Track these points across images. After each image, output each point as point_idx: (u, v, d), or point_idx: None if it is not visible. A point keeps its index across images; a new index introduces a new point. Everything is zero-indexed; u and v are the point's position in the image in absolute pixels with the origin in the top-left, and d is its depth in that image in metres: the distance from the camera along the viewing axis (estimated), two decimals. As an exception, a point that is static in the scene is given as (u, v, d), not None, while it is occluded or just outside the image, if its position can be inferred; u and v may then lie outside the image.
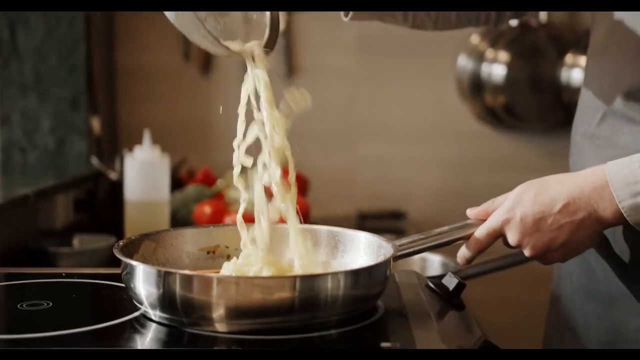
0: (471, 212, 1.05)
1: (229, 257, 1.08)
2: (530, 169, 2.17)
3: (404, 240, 1.04)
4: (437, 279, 1.10)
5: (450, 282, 1.08)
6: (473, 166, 2.35)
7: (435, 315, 0.98)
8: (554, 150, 2.30)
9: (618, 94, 1.08)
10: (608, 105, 1.10)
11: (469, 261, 1.04)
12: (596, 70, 1.14)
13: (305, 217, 1.83)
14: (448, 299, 1.07)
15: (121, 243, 0.98)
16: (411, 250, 1.03)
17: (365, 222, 2.23)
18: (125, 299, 1.00)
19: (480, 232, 1.02)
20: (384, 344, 0.85)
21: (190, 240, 1.08)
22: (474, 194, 1.19)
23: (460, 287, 1.07)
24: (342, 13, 1.22)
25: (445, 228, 1.07)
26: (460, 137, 2.36)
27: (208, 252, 1.09)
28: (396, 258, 1.00)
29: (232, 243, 1.09)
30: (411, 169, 2.38)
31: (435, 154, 2.38)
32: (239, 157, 1.03)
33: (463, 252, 1.04)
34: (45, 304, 0.98)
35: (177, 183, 1.99)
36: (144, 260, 0.99)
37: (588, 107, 1.15)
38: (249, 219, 1.71)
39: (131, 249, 0.99)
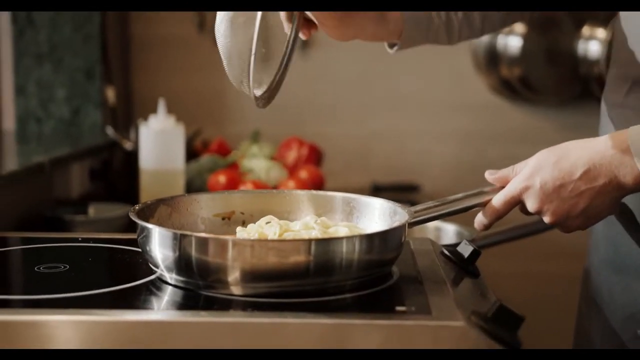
0: (491, 177, 1.04)
1: (244, 223, 1.08)
2: (545, 141, 2.14)
3: (419, 207, 1.04)
4: (452, 247, 1.11)
5: (465, 249, 1.08)
6: (488, 139, 2.35)
7: (450, 282, 0.98)
8: (569, 123, 2.29)
9: None
10: (636, 74, 1.09)
11: (486, 227, 1.04)
12: (623, 39, 1.13)
13: (320, 187, 1.83)
14: (463, 267, 1.07)
15: (137, 207, 0.99)
16: (426, 216, 1.03)
17: (380, 194, 2.23)
18: (141, 263, 1.00)
19: (498, 199, 1.02)
20: (399, 308, 0.86)
21: (205, 205, 1.09)
22: (489, 167, 1.18)
23: (475, 254, 1.07)
24: (386, 45, 1.19)
25: (460, 195, 1.07)
26: (475, 110, 2.35)
27: (223, 218, 1.09)
28: (411, 224, 1.00)
29: (247, 209, 1.10)
30: (426, 142, 2.37)
31: (450, 126, 2.37)
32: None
33: (480, 219, 1.04)
34: (62, 267, 0.99)
35: (191, 154, 1.99)
36: (160, 225, 0.99)
37: (617, 77, 1.14)
38: (260, 185, 1.72)
39: (147, 214, 1.00)
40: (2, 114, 2.20)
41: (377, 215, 1.05)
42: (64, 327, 0.81)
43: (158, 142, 1.65)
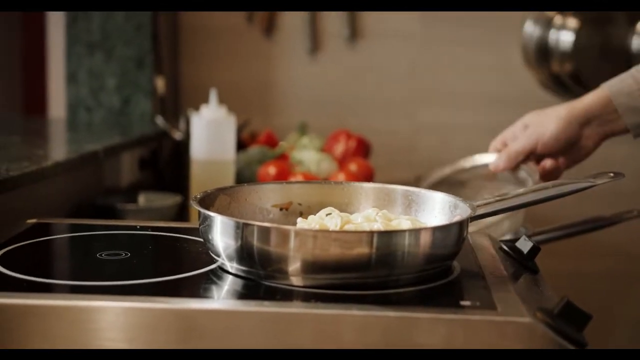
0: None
1: (302, 214, 1.08)
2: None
3: (479, 202, 1.03)
4: (511, 242, 1.09)
5: (525, 245, 1.06)
6: (537, 135, 2.32)
7: (511, 277, 0.97)
8: (621, 120, 2.26)
9: None
10: None
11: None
12: None
13: (370, 180, 1.82)
14: (522, 262, 1.05)
15: (198, 196, 0.99)
16: (488, 211, 1.02)
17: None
18: (201, 252, 1.00)
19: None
20: (464, 302, 0.85)
21: (263, 196, 1.08)
22: (536, 163, 1.18)
23: (534, 250, 1.06)
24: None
25: (521, 190, 1.06)
26: (524, 105, 2.30)
27: (281, 209, 1.09)
28: (473, 218, 0.99)
29: (305, 200, 1.10)
30: (473, 137, 2.35)
31: (498, 121, 2.33)
32: None
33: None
34: (124, 254, 0.99)
35: (239, 145, 1.99)
36: (220, 214, 0.99)
37: None
38: (310, 177, 1.71)
39: (207, 202, 1.00)
40: (53, 102, 2.22)
41: (437, 209, 1.04)
42: (127, 314, 0.82)
43: (210, 132, 1.65)
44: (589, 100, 1.30)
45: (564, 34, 2.20)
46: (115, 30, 2.06)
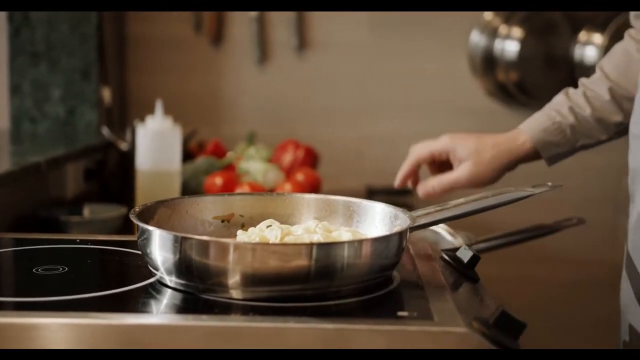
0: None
1: (243, 226, 1.08)
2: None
3: (419, 212, 1.04)
4: (452, 252, 1.10)
5: (465, 254, 1.07)
6: (483, 143, 2.34)
7: (451, 287, 0.98)
8: (565, 128, 2.29)
9: None
10: None
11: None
12: None
13: (317, 190, 1.83)
14: (462, 271, 1.06)
15: (137, 209, 0.98)
16: (428, 221, 1.03)
17: (374, 197, 2.22)
18: (140, 266, 1.00)
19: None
20: (401, 313, 0.85)
21: (204, 208, 1.08)
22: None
23: (474, 259, 1.07)
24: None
25: (461, 200, 1.07)
26: (471, 114, 2.35)
27: (222, 221, 1.09)
28: (412, 229, 1.00)
29: (247, 212, 1.09)
30: (421, 145, 2.37)
31: (445, 130, 2.33)
32: None
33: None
34: (61, 269, 0.98)
35: (187, 155, 1.99)
36: (160, 227, 0.99)
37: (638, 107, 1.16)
38: (257, 188, 1.71)
39: (147, 216, 0.99)
40: (-4, 113, 2.18)
41: (378, 219, 1.05)
42: (64, 330, 0.81)
43: (155, 142, 1.64)
44: (516, 141, 1.34)
45: (509, 44, 2.23)
46: (59, 41, 2.04)
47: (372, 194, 2.25)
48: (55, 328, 0.81)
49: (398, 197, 2.27)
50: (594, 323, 2.29)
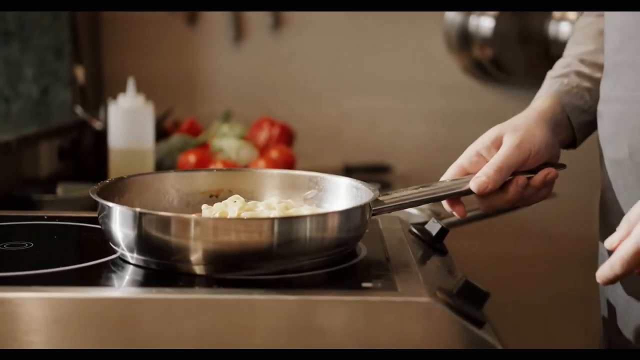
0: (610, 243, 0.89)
1: (215, 197, 1.07)
2: (516, 123, 2.16)
3: (395, 194, 1.02)
4: (421, 225, 1.11)
5: (433, 227, 1.08)
6: (459, 120, 2.35)
7: (418, 259, 0.98)
8: (541, 104, 2.30)
9: None
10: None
11: (613, 281, 0.87)
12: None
13: (291, 167, 1.83)
14: (431, 244, 1.07)
15: (98, 186, 0.96)
16: (397, 204, 1.01)
17: (351, 174, 2.21)
18: (106, 241, 0.99)
19: (627, 249, 0.86)
20: (365, 284, 0.85)
21: (169, 185, 1.06)
22: (460, 148, 1.18)
23: (443, 232, 1.07)
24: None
25: (448, 181, 1.05)
26: (447, 91, 2.35)
27: (211, 196, 1.07)
28: (381, 210, 0.99)
29: (213, 188, 1.08)
30: (397, 122, 2.37)
31: (422, 107, 2.37)
32: None
33: (607, 273, 0.87)
34: (27, 245, 0.98)
35: (162, 134, 1.98)
36: (122, 204, 0.97)
37: (607, 71, 1.08)
38: (230, 165, 1.71)
39: (108, 193, 0.97)
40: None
41: (344, 194, 1.04)
42: (26, 304, 0.81)
43: (127, 121, 1.64)
44: (543, 104, 1.13)
45: (484, 20, 2.23)
46: (31, 19, 2.02)
47: (350, 171, 2.26)
48: (19, 302, 0.80)
49: (375, 174, 2.28)
50: (571, 298, 2.31)
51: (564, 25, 2.17)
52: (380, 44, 2.35)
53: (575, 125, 1.13)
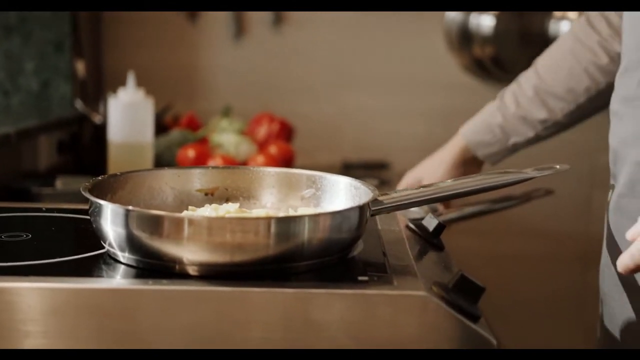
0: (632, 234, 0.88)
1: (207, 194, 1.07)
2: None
3: (394, 195, 1.01)
4: (418, 220, 1.11)
5: (431, 223, 1.08)
6: (459, 118, 2.31)
7: (414, 254, 0.99)
8: (540, 103, 2.30)
9: None
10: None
11: (634, 271, 0.87)
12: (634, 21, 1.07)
13: (290, 163, 1.83)
14: (428, 240, 1.07)
15: (90, 182, 0.95)
16: (398, 203, 1.00)
17: (350, 172, 2.22)
18: (104, 232, 0.99)
19: None
20: (361, 278, 0.86)
21: (163, 182, 1.04)
22: (460, 146, 1.19)
23: (439, 228, 1.07)
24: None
25: (449, 182, 1.04)
26: (447, 89, 2.35)
27: (206, 194, 1.06)
28: (384, 210, 0.98)
29: (209, 186, 1.07)
30: (397, 120, 2.37)
31: (422, 105, 2.38)
32: None
33: (626, 261, 0.86)
34: (25, 236, 0.98)
35: (162, 128, 1.98)
36: (114, 201, 0.94)
37: (628, 68, 1.08)
38: (229, 160, 1.71)
39: (99, 189, 0.96)
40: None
41: (343, 193, 1.02)
42: (24, 293, 0.81)
43: (126, 114, 1.64)
44: (453, 149, 1.47)
45: (485, 19, 2.23)
46: (32, 13, 2.02)
47: (349, 168, 2.26)
48: (16, 292, 0.81)
49: (374, 171, 2.28)
50: (567, 296, 2.31)
51: (564, 24, 2.17)
52: (380, 42, 2.35)
53: (480, 156, 1.41)
